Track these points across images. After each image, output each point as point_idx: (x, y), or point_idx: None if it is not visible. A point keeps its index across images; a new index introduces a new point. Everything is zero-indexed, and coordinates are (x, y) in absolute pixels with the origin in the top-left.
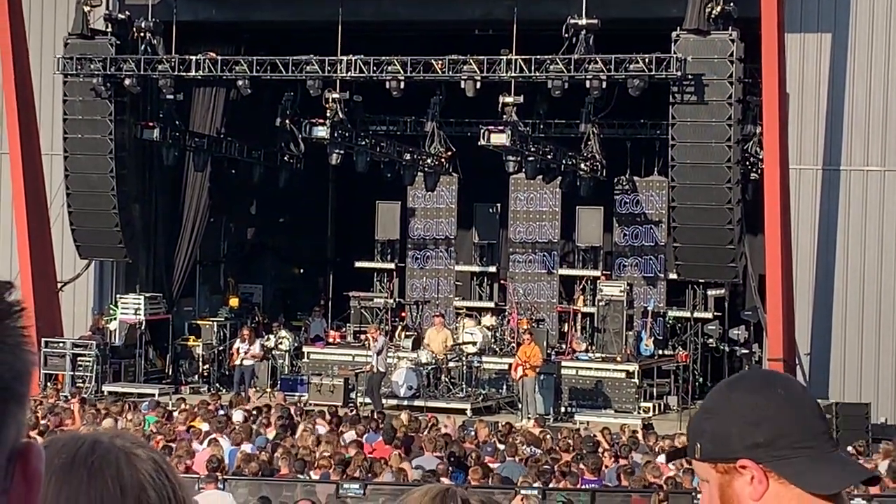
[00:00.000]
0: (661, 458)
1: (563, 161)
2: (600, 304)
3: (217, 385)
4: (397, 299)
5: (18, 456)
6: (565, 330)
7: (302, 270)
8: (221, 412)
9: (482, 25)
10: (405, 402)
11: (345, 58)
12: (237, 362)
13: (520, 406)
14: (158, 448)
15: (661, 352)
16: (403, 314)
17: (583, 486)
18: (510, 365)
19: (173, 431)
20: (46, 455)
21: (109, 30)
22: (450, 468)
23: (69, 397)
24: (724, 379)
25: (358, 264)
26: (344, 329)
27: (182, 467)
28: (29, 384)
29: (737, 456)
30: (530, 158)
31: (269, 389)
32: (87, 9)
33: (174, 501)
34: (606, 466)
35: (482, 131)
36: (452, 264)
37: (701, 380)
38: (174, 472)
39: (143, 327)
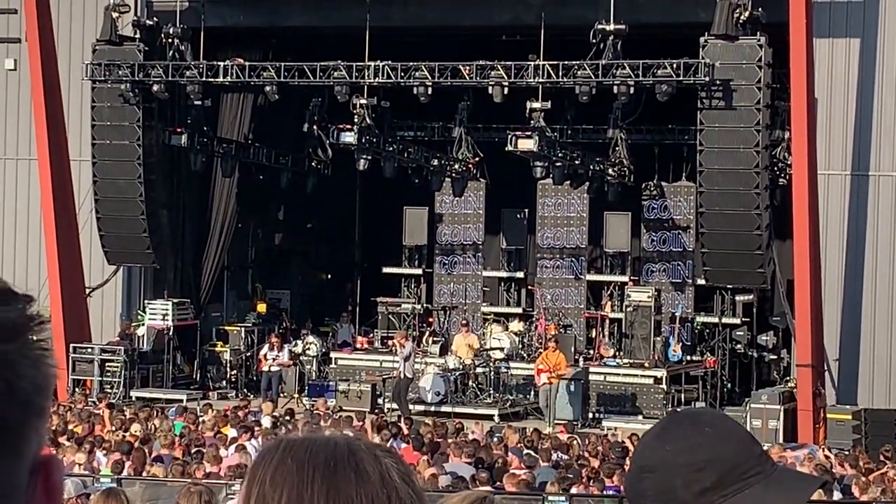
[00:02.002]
0: None
1: (591, 166)
2: (628, 309)
3: (245, 391)
4: (425, 305)
5: (40, 468)
6: (593, 336)
7: (329, 276)
8: (252, 418)
9: (510, 31)
10: (433, 408)
11: (372, 63)
12: (265, 368)
13: (547, 412)
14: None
15: (689, 357)
16: (431, 320)
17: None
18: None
19: (201, 437)
20: (298, 452)
21: (137, 36)
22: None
23: (97, 402)
24: (648, 432)
25: (385, 270)
26: (371, 335)
27: (200, 474)
28: (49, 397)
29: None
30: (558, 164)
31: (296, 395)
32: (115, 15)
33: None
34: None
35: (510, 137)
36: (480, 270)
37: (729, 385)
38: (416, 479)
39: (171, 333)
